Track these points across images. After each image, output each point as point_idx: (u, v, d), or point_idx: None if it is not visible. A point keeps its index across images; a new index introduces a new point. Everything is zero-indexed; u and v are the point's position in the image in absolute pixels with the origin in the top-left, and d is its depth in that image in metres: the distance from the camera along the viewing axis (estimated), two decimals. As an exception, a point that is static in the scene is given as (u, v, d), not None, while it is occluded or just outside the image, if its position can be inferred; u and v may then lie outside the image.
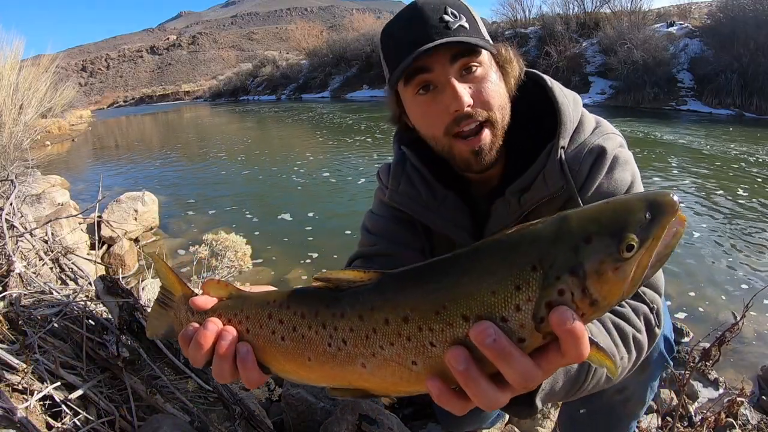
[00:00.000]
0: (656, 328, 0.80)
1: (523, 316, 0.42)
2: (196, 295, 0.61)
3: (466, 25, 0.81)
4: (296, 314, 0.52)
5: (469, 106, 0.80)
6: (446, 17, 0.80)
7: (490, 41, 0.86)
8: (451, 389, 0.45)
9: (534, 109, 0.90)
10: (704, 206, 4.43)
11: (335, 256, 3.54)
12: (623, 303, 0.77)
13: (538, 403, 0.62)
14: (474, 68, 0.81)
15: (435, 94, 0.82)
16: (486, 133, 0.83)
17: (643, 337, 0.78)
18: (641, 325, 0.78)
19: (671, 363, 1.01)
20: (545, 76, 0.92)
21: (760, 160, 6.45)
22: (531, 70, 0.94)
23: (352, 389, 0.51)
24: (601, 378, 0.73)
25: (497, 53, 0.85)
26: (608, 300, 0.42)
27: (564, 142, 0.86)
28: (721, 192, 4.80)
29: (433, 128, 0.85)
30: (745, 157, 6.66)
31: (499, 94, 0.84)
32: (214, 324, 0.55)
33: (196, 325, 0.57)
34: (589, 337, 0.43)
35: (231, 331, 0.55)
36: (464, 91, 0.80)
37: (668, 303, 2.64)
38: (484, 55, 0.82)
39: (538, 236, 0.42)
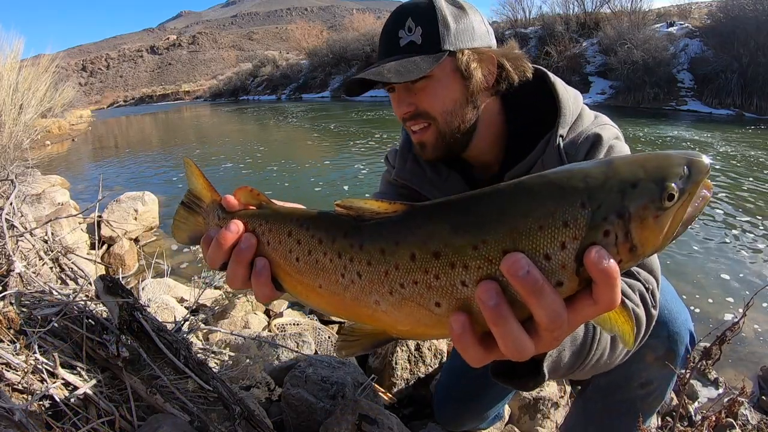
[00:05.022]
0: (652, 308, 0.80)
1: (567, 256, 0.39)
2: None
3: (419, 39, 0.88)
4: (314, 238, 0.50)
5: (407, 112, 0.93)
6: (401, 32, 0.89)
7: (463, 43, 0.89)
8: (473, 331, 0.43)
9: (537, 102, 0.96)
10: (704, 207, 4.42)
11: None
12: None
13: (545, 371, 0.59)
14: (417, 81, 0.89)
15: (393, 96, 0.96)
16: (429, 133, 0.94)
17: (642, 312, 0.77)
18: (638, 301, 0.78)
19: (692, 356, 1.02)
20: (549, 73, 0.97)
21: (761, 160, 6.45)
22: (538, 66, 0.99)
23: (362, 345, 0.50)
24: (605, 352, 0.74)
25: (457, 59, 0.89)
26: (645, 248, 0.41)
27: (563, 131, 0.91)
28: (721, 192, 4.80)
29: (399, 119, 0.99)
30: (746, 157, 6.66)
31: (444, 100, 0.91)
32: (237, 225, 0.56)
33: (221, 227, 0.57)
34: None
35: (251, 239, 0.55)
36: (403, 100, 0.93)
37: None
38: (434, 68, 0.86)
39: (588, 175, 0.40)
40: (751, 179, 5.33)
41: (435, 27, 0.88)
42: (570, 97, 0.94)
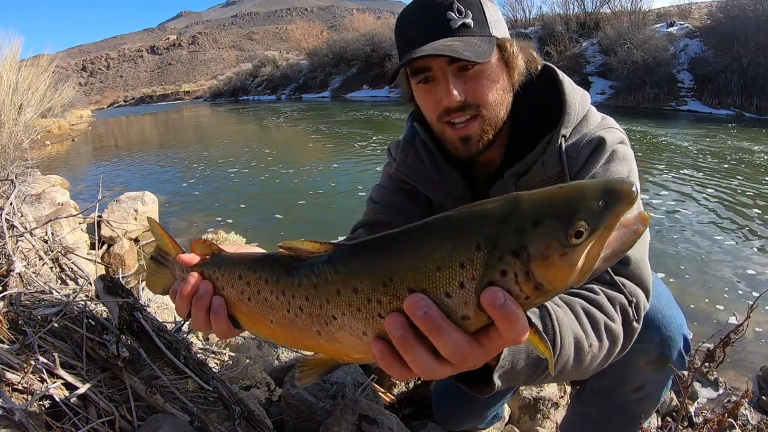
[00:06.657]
0: (634, 322, 0.77)
1: (467, 294, 0.42)
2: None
3: (471, 22, 0.84)
4: (260, 279, 0.56)
5: (459, 101, 0.86)
6: (450, 14, 0.83)
7: (502, 33, 0.89)
8: (394, 354, 0.47)
9: (543, 100, 0.93)
10: (705, 207, 4.42)
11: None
12: (597, 291, 0.77)
13: (497, 380, 0.63)
14: (471, 65, 0.85)
15: (432, 86, 0.89)
16: (475, 125, 0.89)
17: (617, 327, 0.75)
18: (616, 315, 0.76)
19: (687, 362, 0.99)
20: (558, 71, 0.96)
21: (761, 160, 6.45)
22: (547, 63, 0.98)
23: (316, 373, 0.56)
24: (568, 363, 0.70)
25: (503, 48, 0.88)
26: (554, 285, 0.41)
27: (566, 131, 0.89)
28: (722, 192, 4.80)
29: (429, 113, 0.93)
30: (746, 157, 6.66)
31: (494, 89, 0.88)
32: (194, 277, 0.62)
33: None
34: (531, 321, 0.44)
35: (207, 285, 0.61)
36: (456, 87, 0.85)
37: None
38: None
39: (485, 215, 0.42)
40: (751, 179, 5.33)
41: (482, 13, 0.85)
42: (577, 97, 0.92)
